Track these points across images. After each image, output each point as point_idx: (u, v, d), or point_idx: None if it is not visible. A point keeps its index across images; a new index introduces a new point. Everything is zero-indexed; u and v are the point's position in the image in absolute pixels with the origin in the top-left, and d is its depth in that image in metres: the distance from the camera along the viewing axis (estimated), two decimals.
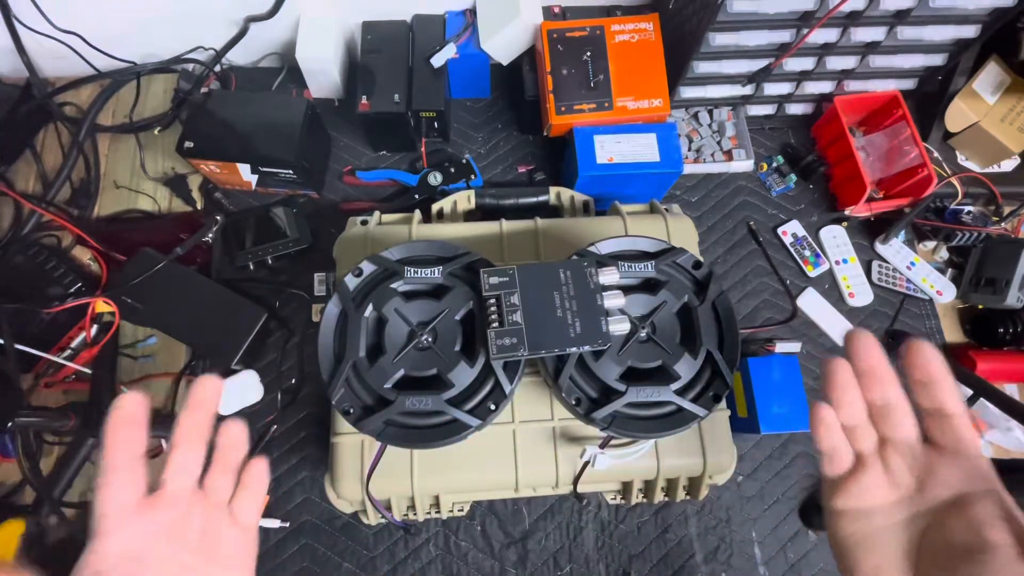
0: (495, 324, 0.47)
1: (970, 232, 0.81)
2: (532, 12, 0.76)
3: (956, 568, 0.29)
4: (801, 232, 0.85)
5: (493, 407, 0.48)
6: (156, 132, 0.83)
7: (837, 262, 0.84)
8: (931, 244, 0.86)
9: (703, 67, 0.78)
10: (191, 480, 0.34)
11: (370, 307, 0.50)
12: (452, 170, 0.83)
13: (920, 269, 0.84)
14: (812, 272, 0.83)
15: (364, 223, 0.65)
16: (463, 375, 0.49)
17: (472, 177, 0.83)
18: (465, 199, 0.75)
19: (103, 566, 0.30)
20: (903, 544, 0.32)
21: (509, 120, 0.89)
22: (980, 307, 0.82)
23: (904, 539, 0.32)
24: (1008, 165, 0.89)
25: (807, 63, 0.80)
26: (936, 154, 0.87)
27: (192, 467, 0.34)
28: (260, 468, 0.36)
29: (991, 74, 0.84)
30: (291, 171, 0.75)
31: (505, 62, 0.83)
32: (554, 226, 0.65)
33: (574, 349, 0.47)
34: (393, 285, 0.51)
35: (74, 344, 0.72)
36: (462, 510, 0.65)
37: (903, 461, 0.33)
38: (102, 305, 0.70)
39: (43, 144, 0.83)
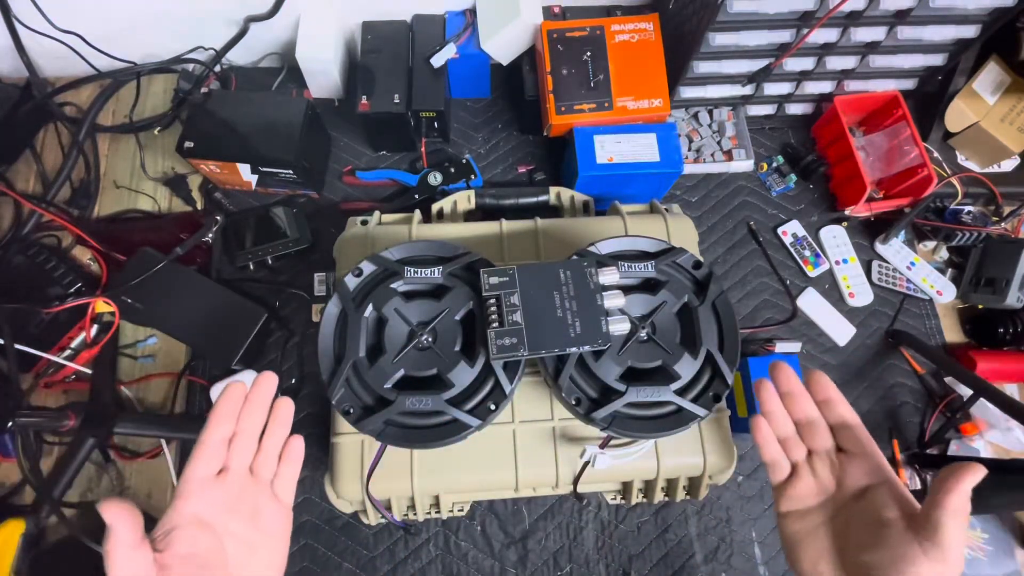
0: (495, 324, 0.47)
1: (970, 232, 0.81)
2: (532, 12, 0.76)
3: (864, 544, 0.37)
4: (801, 232, 0.85)
5: (493, 407, 0.48)
6: (156, 132, 0.83)
7: (837, 262, 0.84)
8: (931, 244, 0.86)
9: (703, 67, 0.78)
10: (247, 463, 0.41)
11: (370, 307, 0.50)
12: (452, 170, 0.83)
13: (920, 269, 0.84)
14: (812, 272, 0.83)
15: (364, 223, 0.65)
16: (463, 375, 0.49)
17: (472, 177, 0.83)
18: (465, 199, 0.75)
19: (180, 522, 0.36)
20: (832, 535, 0.40)
21: (509, 120, 0.89)
22: (980, 307, 0.82)
23: (832, 531, 0.40)
24: (1008, 165, 0.89)
25: (807, 63, 0.80)
26: (936, 154, 0.87)
27: (248, 452, 0.41)
28: (297, 446, 0.44)
29: (991, 74, 0.84)
30: (291, 171, 0.75)
31: (505, 62, 0.83)
32: (554, 226, 0.65)
33: (574, 349, 0.47)
34: (393, 285, 0.51)
35: (74, 344, 0.72)
36: (462, 510, 0.65)
37: (825, 467, 0.41)
38: (102, 305, 0.70)
39: (43, 144, 0.83)
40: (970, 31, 0.75)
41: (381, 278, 0.52)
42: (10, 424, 0.59)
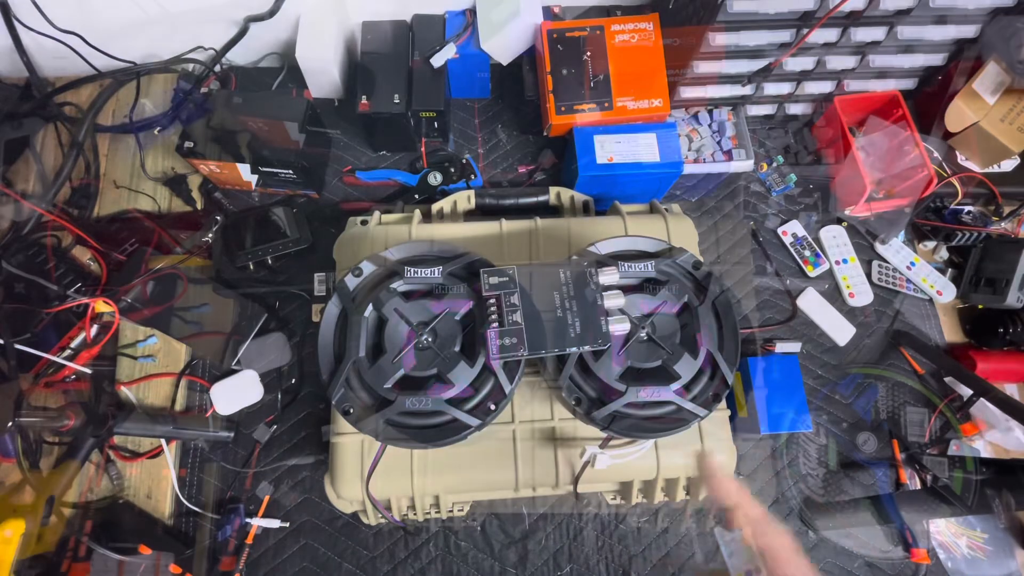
0: (495, 324, 0.47)
1: (970, 232, 0.81)
2: (532, 12, 0.76)
3: None
4: (801, 232, 0.85)
5: (493, 407, 0.48)
6: (156, 132, 0.83)
7: (837, 262, 0.83)
8: (931, 244, 0.86)
9: (703, 67, 0.78)
10: None
11: (370, 307, 0.50)
12: (452, 170, 0.83)
13: (920, 269, 0.84)
14: (812, 272, 0.83)
15: (364, 223, 0.65)
16: (463, 375, 0.49)
17: (472, 177, 0.83)
18: (465, 199, 0.75)
19: None
20: None
21: (509, 120, 0.89)
22: (980, 307, 0.82)
23: None
24: (1008, 165, 0.89)
25: (807, 63, 0.80)
26: (936, 154, 0.87)
27: None
28: None
29: (991, 74, 0.84)
30: (291, 171, 0.75)
31: (505, 62, 0.83)
32: (554, 226, 0.65)
33: (574, 349, 0.47)
34: (393, 285, 0.51)
35: (74, 344, 0.71)
36: (462, 510, 0.65)
37: None
38: (102, 305, 0.70)
39: (43, 144, 0.83)
40: (970, 31, 0.75)
41: (381, 278, 0.52)
42: (10, 424, 0.59)
